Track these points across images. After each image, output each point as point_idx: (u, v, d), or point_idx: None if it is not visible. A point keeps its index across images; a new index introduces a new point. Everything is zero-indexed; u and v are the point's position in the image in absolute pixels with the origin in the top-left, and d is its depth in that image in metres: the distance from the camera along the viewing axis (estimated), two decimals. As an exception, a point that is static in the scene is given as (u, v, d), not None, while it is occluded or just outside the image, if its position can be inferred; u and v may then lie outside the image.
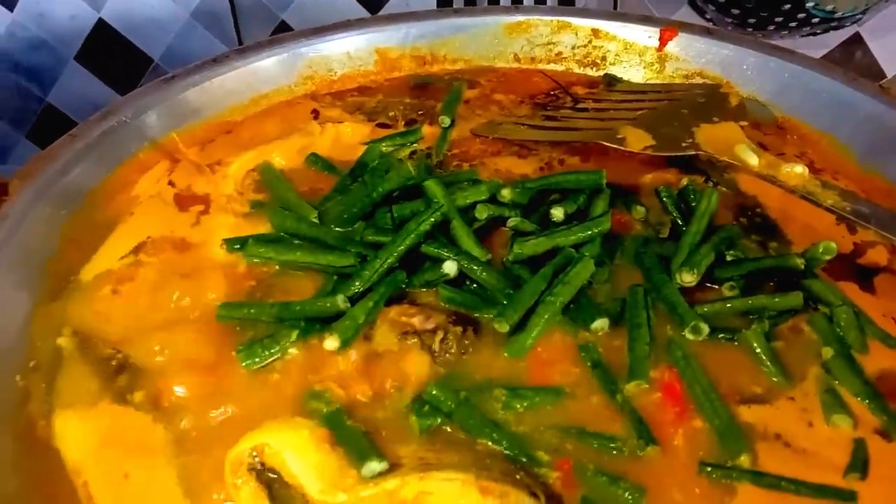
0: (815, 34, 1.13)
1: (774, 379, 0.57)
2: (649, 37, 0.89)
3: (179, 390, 0.55)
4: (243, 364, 0.56)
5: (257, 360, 0.57)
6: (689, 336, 0.59)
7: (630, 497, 0.49)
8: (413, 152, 0.79)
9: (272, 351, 0.57)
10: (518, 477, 0.49)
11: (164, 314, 0.61)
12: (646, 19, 0.89)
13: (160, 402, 0.54)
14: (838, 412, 0.54)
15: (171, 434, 0.53)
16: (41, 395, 0.55)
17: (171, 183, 0.74)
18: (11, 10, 1.24)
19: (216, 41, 1.29)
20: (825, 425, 0.54)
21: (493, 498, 0.47)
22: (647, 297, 0.61)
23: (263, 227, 0.69)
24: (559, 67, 0.92)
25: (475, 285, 0.63)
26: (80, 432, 0.53)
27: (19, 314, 0.59)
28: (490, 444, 0.52)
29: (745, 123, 0.79)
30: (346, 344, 0.56)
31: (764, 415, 0.54)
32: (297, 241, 0.66)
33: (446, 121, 0.81)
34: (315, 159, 0.77)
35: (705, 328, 0.58)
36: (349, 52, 0.89)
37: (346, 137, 0.80)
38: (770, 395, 0.56)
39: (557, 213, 0.67)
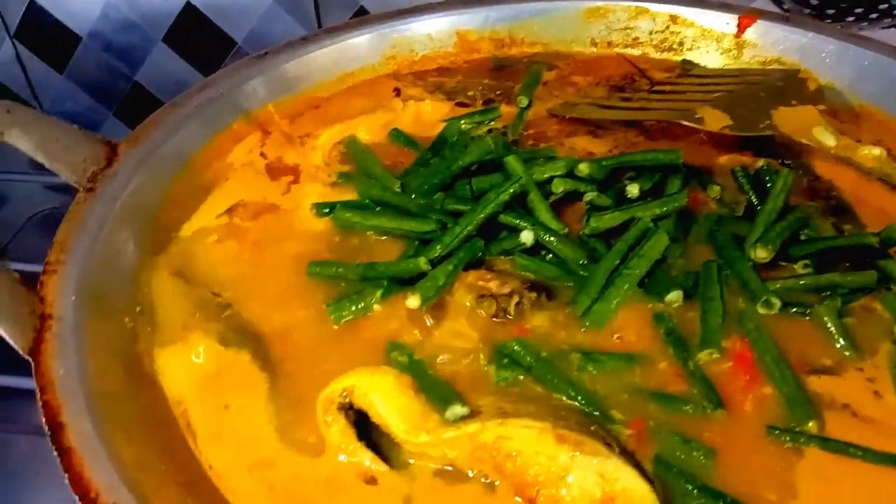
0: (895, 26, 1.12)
1: (846, 353, 0.57)
2: (727, 23, 0.90)
3: (272, 335, 0.59)
4: (332, 316, 0.60)
5: (344, 313, 0.60)
6: (761, 310, 0.60)
7: (702, 457, 0.51)
8: (490, 130, 0.82)
9: (358, 306, 0.61)
10: (592, 429, 0.52)
11: (257, 268, 0.65)
12: (724, 6, 0.90)
13: (255, 343, 0.59)
14: None
15: (266, 373, 0.57)
16: (147, 336, 0.60)
17: (262, 154, 0.78)
18: (107, -7, 1.31)
19: (297, 25, 1.33)
20: (894, 397, 0.55)
21: (568, 446, 0.49)
22: (720, 272, 0.63)
23: (349, 197, 0.72)
24: (636, 52, 0.93)
25: (550, 255, 0.66)
26: (181, 367, 0.57)
27: (128, 264, 0.64)
28: (566, 399, 0.54)
29: (822, 107, 0.79)
30: (426, 302, 0.59)
31: (832, 386, 0.55)
32: (381, 209, 0.70)
33: (524, 101, 0.84)
34: (397, 134, 0.80)
35: (777, 302, 0.60)
36: (431, 33, 0.92)
37: (427, 115, 0.83)
38: (839, 367, 0.57)
39: (633, 189, 0.69)
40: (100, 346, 0.55)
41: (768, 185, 0.70)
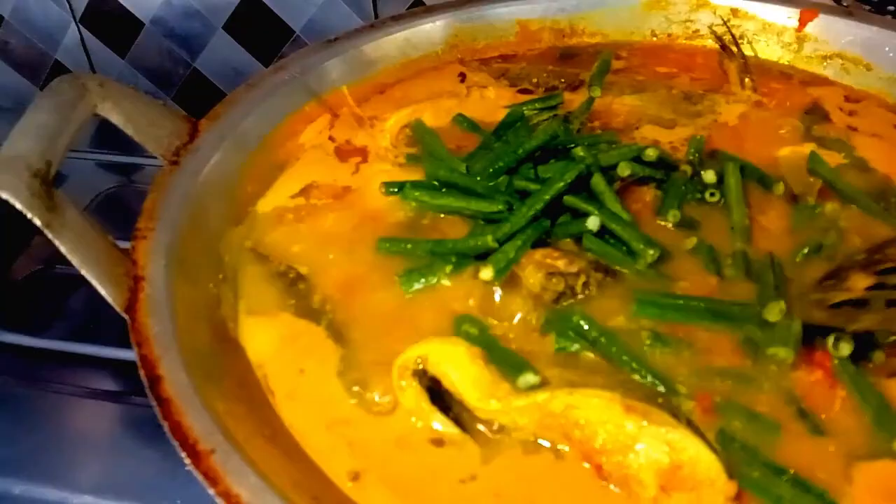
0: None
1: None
2: (788, 17, 0.90)
3: (347, 307, 0.62)
4: (403, 287, 0.62)
5: (415, 285, 0.63)
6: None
7: (766, 431, 0.53)
8: (553, 117, 0.83)
9: (428, 278, 0.63)
10: (660, 401, 0.54)
11: (330, 243, 0.68)
12: (786, 0, 0.91)
13: (328, 314, 0.62)
14: None
15: (338, 343, 0.60)
16: (230, 302, 0.63)
17: (331, 138, 0.81)
18: (170, -19, 1.35)
19: (354, 16, 1.36)
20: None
21: (636, 415, 0.51)
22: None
23: (416, 177, 0.74)
24: (696, 45, 0.94)
25: (613, 239, 0.67)
26: (261, 334, 0.61)
27: (210, 233, 0.67)
28: (630, 373, 0.56)
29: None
30: (499, 275, 0.61)
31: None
32: (448, 189, 0.72)
33: (597, 91, 0.85)
34: (462, 119, 0.82)
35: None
36: (493, 22, 0.94)
37: (490, 101, 0.85)
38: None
39: (708, 176, 0.70)
40: (188, 308, 0.58)
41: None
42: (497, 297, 0.62)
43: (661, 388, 0.55)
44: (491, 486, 0.52)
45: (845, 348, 0.56)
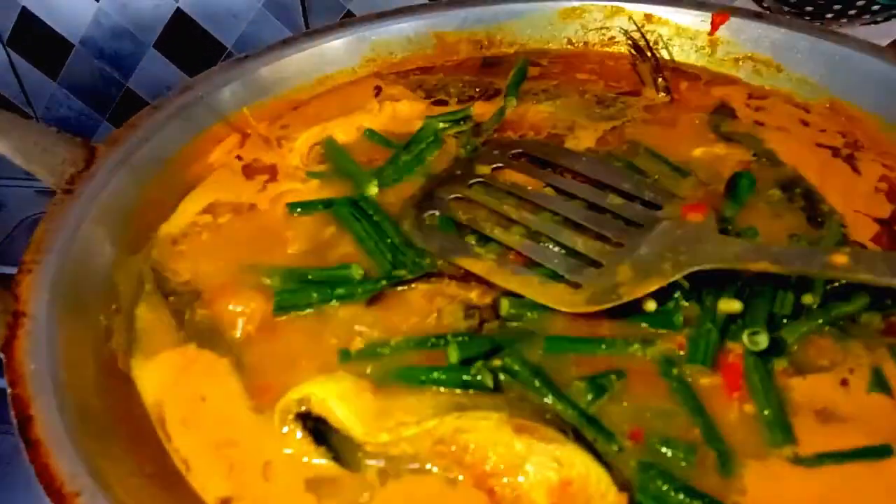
0: (875, 23, 1.12)
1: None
2: (701, 21, 0.91)
3: (240, 330, 0.61)
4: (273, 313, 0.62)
5: (288, 312, 0.62)
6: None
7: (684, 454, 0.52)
8: (461, 131, 0.82)
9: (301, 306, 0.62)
10: (548, 416, 0.53)
11: (230, 262, 0.67)
12: (698, 4, 0.91)
13: (226, 340, 0.61)
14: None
15: (238, 369, 0.59)
16: (122, 334, 0.61)
17: (239, 157, 0.79)
18: (97, 0, 1.33)
19: (285, 30, 1.35)
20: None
21: (525, 434, 0.51)
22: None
23: (325, 195, 0.74)
24: (611, 51, 0.94)
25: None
26: (158, 366, 0.59)
27: (104, 263, 0.65)
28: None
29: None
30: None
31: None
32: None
33: (512, 101, 0.85)
34: (371, 134, 0.82)
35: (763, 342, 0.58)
36: (409, 36, 0.94)
37: (403, 114, 0.85)
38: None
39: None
40: (73, 342, 0.56)
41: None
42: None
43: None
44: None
45: (762, 341, 0.57)
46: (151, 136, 0.75)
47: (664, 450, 0.52)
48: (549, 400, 0.55)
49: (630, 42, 0.90)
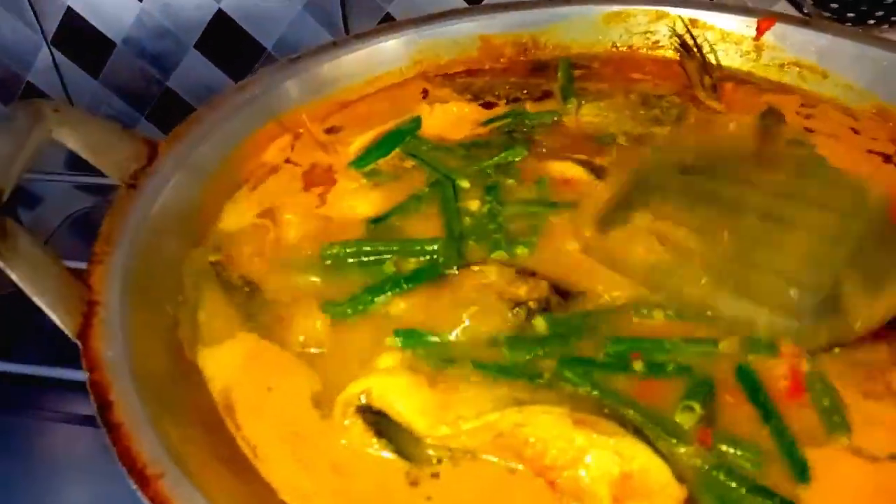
0: (917, 29, 1.12)
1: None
2: (747, 26, 0.91)
3: (310, 325, 0.62)
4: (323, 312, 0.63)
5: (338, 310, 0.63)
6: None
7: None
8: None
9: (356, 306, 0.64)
10: (606, 411, 0.54)
11: (290, 262, 0.68)
12: (744, 10, 0.92)
13: (295, 332, 0.62)
14: None
15: (302, 359, 0.60)
16: (188, 324, 0.63)
17: (290, 160, 0.81)
18: (141, 1, 1.36)
19: (324, 32, 1.36)
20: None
21: (585, 428, 0.52)
22: None
23: (384, 196, 0.75)
24: (656, 55, 0.95)
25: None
26: (224, 355, 0.61)
27: (169, 255, 0.67)
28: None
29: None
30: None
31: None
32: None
33: (572, 102, 0.86)
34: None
35: None
36: (455, 38, 0.95)
37: (453, 115, 0.86)
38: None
39: None
40: (144, 331, 0.58)
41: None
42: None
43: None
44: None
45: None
46: (209, 133, 0.76)
47: (731, 450, 0.53)
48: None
49: (678, 42, 0.91)
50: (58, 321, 0.54)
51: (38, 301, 0.54)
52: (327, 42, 0.89)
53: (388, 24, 0.95)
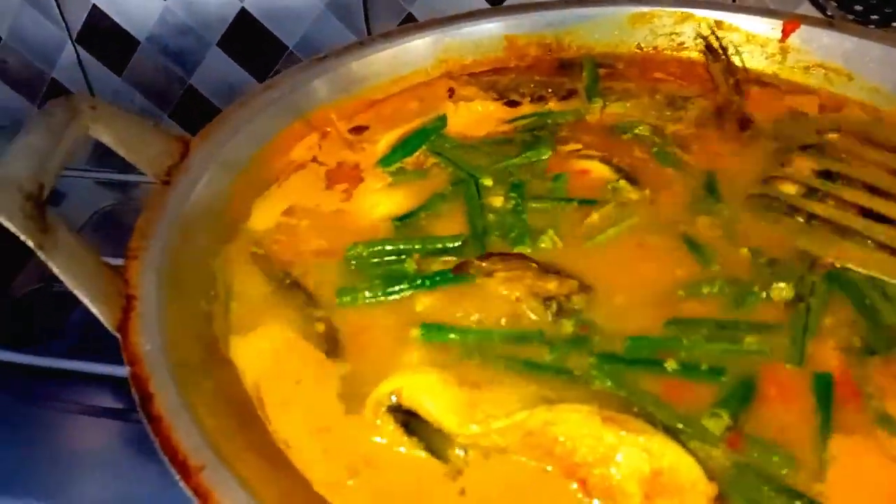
0: (940, 32, 1.12)
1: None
2: (772, 28, 0.92)
3: (342, 320, 0.64)
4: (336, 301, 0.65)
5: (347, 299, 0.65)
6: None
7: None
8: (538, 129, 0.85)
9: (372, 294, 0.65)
10: (635, 409, 0.55)
11: (319, 260, 0.70)
12: (769, 12, 0.92)
13: (326, 326, 0.63)
14: None
15: (333, 356, 0.61)
16: (221, 319, 0.64)
17: (317, 159, 0.82)
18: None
19: (346, 31, 1.37)
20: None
21: (614, 426, 0.52)
22: None
23: (407, 194, 0.76)
24: (680, 56, 0.96)
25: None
26: (255, 348, 0.62)
27: (202, 251, 0.68)
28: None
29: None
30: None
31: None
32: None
33: (598, 102, 0.87)
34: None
35: None
36: (481, 38, 0.96)
37: (478, 114, 0.87)
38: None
39: None
40: (179, 325, 0.59)
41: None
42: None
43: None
44: (481, 499, 0.53)
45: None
46: (239, 131, 0.77)
47: (762, 454, 0.53)
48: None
49: (703, 44, 0.91)
50: (98, 314, 0.55)
51: (80, 294, 0.55)
52: (353, 42, 0.90)
53: (413, 24, 0.96)
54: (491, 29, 0.96)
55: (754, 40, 0.93)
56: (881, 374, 0.58)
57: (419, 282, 0.65)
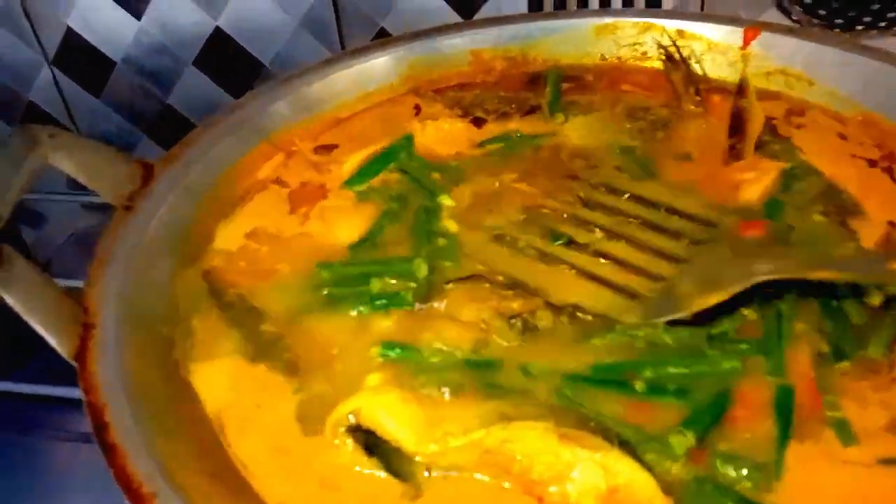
0: (905, 35, 1.13)
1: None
2: (733, 36, 0.92)
3: (299, 342, 0.64)
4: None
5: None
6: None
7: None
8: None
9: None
10: (592, 424, 0.55)
11: (279, 281, 0.70)
12: (730, 20, 0.93)
13: (283, 350, 0.64)
14: None
15: (293, 377, 0.62)
16: (183, 344, 0.64)
17: (280, 180, 0.81)
18: (139, 19, 1.38)
19: (321, 47, 1.38)
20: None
21: (571, 442, 0.52)
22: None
23: (374, 215, 0.76)
24: (644, 66, 0.96)
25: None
26: (216, 374, 0.62)
27: (164, 276, 0.68)
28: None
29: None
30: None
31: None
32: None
33: (560, 118, 0.87)
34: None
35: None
36: (446, 53, 0.96)
37: (445, 132, 0.87)
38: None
39: None
40: (139, 352, 0.59)
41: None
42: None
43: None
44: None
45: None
46: (204, 154, 0.78)
47: (727, 470, 0.53)
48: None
49: (664, 54, 0.92)
50: (54, 344, 0.56)
51: (34, 324, 0.55)
52: (319, 61, 0.91)
53: (379, 41, 0.96)
54: (456, 44, 0.96)
55: (716, 48, 0.93)
56: (847, 379, 0.58)
57: (379, 303, 0.65)
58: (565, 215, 0.74)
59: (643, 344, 0.61)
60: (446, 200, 0.76)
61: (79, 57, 1.44)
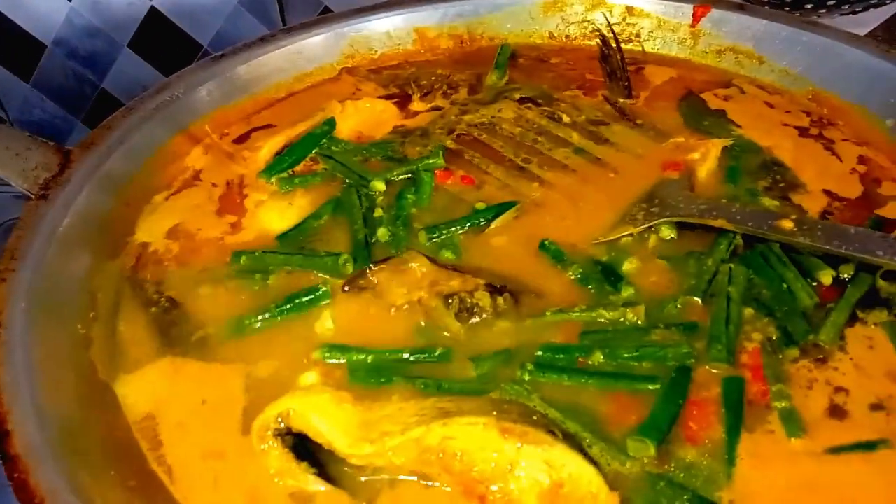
0: (854, 13, 1.12)
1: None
2: (683, 13, 0.90)
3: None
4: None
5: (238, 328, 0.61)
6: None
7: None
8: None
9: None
10: (535, 418, 0.52)
11: (202, 275, 0.66)
12: (679, -4, 0.91)
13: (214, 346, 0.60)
14: None
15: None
16: (101, 343, 0.59)
17: (197, 175, 0.77)
18: (70, 0, 1.31)
19: (262, 27, 1.33)
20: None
21: (513, 437, 0.50)
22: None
23: (297, 203, 0.72)
24: (593, 44, 0.94)
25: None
26: (145, 379, 0.57)
27: (81, 270, 0.63)
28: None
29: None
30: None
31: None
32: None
33: (493, 77, 0.86)
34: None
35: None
36: (389, 31, 0.92)
37: (367, 113, 0.82)
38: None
39: None
40: (51, 353, 0.55)
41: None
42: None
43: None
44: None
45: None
46: (127, 138, 0.73)
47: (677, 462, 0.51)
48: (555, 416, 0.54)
49: (600, 38, 0.89)
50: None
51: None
52: (253, 39, 0.86)
53: (317, 18, 0.92)
54: (399, 21, 0.93)
55: (665, 25, 0.91)
56: (795, 366, 0.57)
57: (306, 299, 0.62)
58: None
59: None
60: (379, 185, 0.72)
61: (7, 40, 1.36)
